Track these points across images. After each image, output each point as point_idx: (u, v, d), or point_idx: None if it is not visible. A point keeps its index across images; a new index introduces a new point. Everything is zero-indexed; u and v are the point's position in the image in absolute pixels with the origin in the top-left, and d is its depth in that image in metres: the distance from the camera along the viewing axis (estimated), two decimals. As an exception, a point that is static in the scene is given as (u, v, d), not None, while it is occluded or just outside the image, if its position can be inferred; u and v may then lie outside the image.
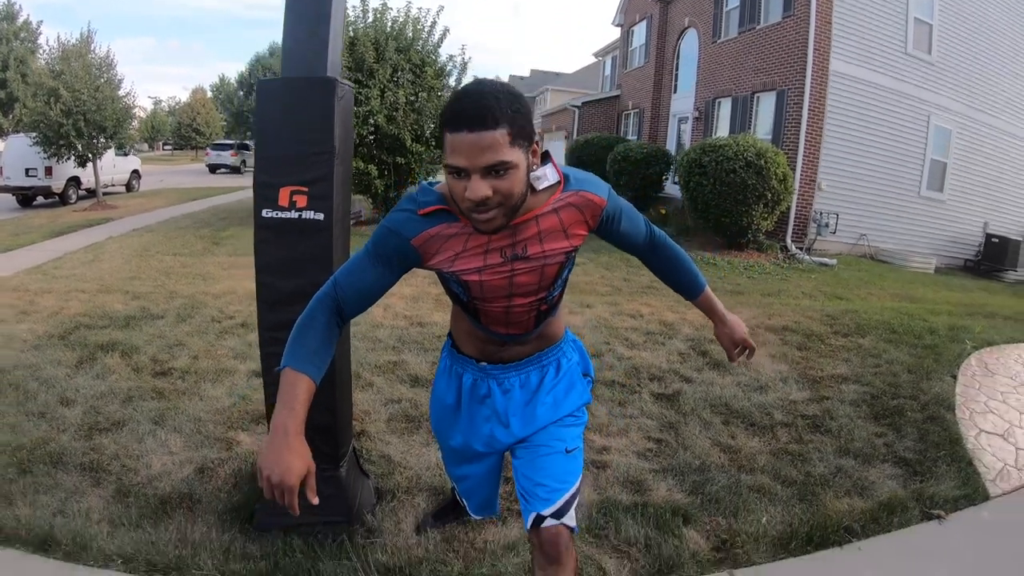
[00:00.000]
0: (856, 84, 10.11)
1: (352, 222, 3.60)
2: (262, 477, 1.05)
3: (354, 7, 9.28)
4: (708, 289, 1.55)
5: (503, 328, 1.40)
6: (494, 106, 1.07)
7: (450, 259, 1.27)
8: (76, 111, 11.94)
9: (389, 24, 9.09)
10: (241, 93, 28.94)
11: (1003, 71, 11.71)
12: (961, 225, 11.76)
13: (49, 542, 2.09)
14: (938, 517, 2.53)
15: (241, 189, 17.96)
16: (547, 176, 1.24)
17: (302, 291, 1.83)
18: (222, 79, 42.59)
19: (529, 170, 1.18)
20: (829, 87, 9.81)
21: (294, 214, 1.89)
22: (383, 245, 1.26)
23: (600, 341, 4.41)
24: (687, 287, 1.55)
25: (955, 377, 4.09)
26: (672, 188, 12.25)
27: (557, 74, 39.78)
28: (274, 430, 1.09)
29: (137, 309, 4.85)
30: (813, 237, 10.08)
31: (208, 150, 29.89)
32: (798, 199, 9.91)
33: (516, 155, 1.11)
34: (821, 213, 10.06)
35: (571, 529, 1.35)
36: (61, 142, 12.17)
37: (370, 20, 9.10)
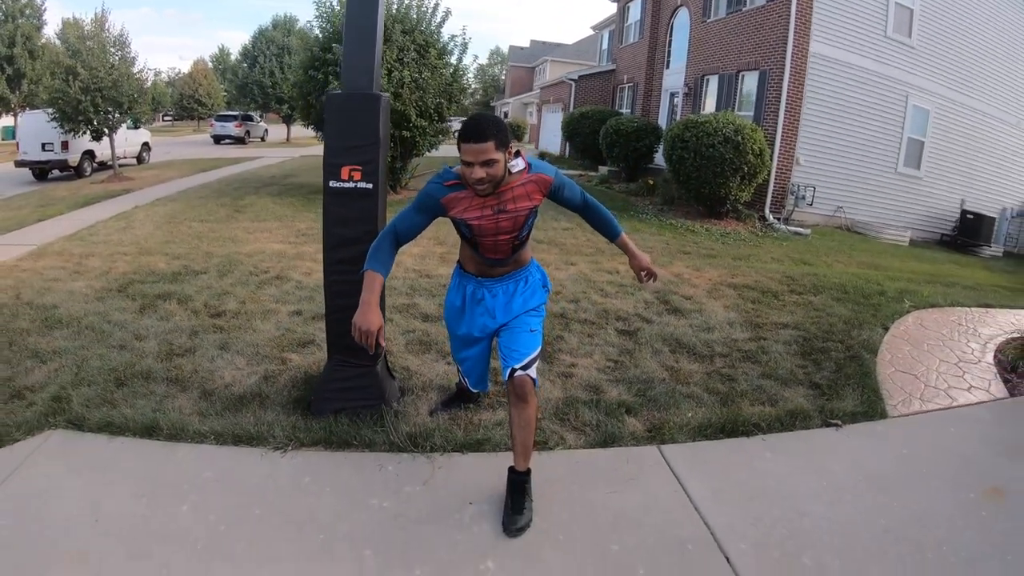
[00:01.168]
0: (836, 65, 10.52)
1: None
2: (354, 328, 1.86)
3: None
4: (624, 235, 2.39)
5: (491, 254, 2.23)
6: (486, 129, 1.91)
7: (462, 210, 2.10)
8: (94, 88, 12.43)
9: (395, 7, 9.58)
10: (245, 65, 28.99)
11: (983, 54, 11.99)
12: (938, 201, 12.13)
13: (153, 429, 2.73)
14: (835, 425, 3.09)
15: (248, 160, 18.22)
16: (518, 164, 2.09)
17: (355, 238, 2.70)
18: (222, 49, 42.39)
19: (506, 162, 2.01)
20: (808, 68, 10.26)
21: (351, 184, 2.70)
22: (424, 203, 2.11)
23: (579, 291, 5.10)
24: (608, 233, 2.38)
25: (887, 328, 4.57)
26: (661, 160, 12.76)
27: (557, 45, 39.65)
28: (363, 303, 1.91)
29: (180, 267, 5.43)
30: (791, 208, 10.63)
31: (213, 121, 30.15)
32: (776, 172, 10.40)
33: (498, 155, 1.95)
34: (799, 186, 10.58)
35: (533, 380, 2.13)
36: (80, 118, 12.64)
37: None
